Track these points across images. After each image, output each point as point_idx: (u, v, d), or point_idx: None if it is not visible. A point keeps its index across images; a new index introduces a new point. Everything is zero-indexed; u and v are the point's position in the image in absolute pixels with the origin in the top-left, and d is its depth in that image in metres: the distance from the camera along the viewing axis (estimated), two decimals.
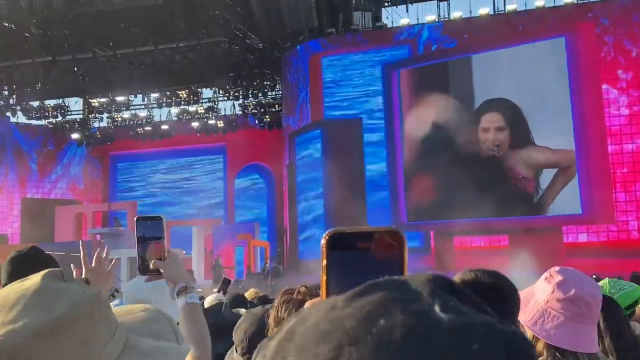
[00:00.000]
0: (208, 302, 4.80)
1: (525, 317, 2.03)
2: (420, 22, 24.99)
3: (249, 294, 6.42)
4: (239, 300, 5.39)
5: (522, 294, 2.18)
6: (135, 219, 2.16)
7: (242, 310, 4.42)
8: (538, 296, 2.08)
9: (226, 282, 6.67)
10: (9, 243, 28.45)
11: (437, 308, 0.47)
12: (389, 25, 26.43)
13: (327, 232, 0.66)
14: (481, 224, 20.98)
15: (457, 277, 1.84)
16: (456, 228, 20.65)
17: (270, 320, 1.97)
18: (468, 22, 23.61)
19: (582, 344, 1.99)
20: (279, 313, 1.91)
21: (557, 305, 2.02)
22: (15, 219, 31.33)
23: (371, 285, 0.49)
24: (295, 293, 2.05)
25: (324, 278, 0.64)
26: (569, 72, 21.41)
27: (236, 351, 2.41)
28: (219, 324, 3.32)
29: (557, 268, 2.17)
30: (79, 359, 0.97)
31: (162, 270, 2.09)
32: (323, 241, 0.65)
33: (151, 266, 2.09)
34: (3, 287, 2.96)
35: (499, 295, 1.73)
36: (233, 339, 2.50)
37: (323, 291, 0.64)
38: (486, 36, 22.51)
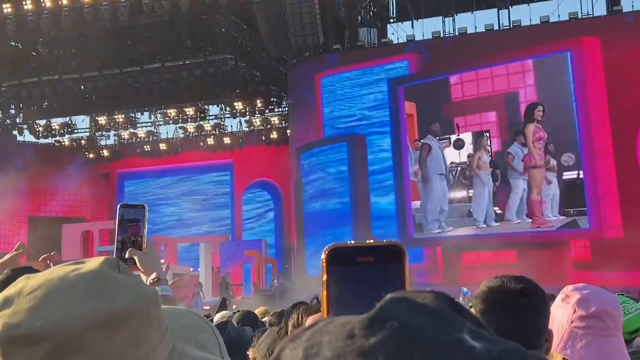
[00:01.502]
0: (217, 319, 4.78)
1: (552, 344, 1.96)
2: (425, 37, 25.07)
3: (258, 312, 6.40)
4: (249, 318, 5.35)
5: None
6: (119, 205, 2.15)
7: (247, 328, 4.39)
8: (559, 319, 2.04)
9: (223, 302, 6.96)
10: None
11: (467, 336, 0.45)
12: (395, 42, 26.51)
13: (327, 247, 0.65)
14: (488, 238, 20.91)
15: (483, 285, 1.80)
16: (464, 243, 20.57)
17: (290, 327, 1.95)
18: (473, 38, 23.68)
19: (615, 357, 1.95)
20: (299, 319, 1.89)
21: (582, 324, 1.98)
22: (22, 237, 31.36)
23: (386, 309, 0.47)
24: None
25: (324, 293, 0.63)
26: (574, 87, 21.42)
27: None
28: (225, 342, 3.29)
29: (570, 287, 2.14)
30: (129, 357, 0.91)
31: (137, 260, 2.08)
32: (323, 256, 0.64)
33: (127, 255, 2.08)
34: None
35: (528, 300, 1.69)
36: (253, 354, 2.53)
37: (324, 307, 0.62)
38: (490, 51, 22.55)
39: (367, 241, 0.65)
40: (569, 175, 21.60)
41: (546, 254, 19.45)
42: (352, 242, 0.65)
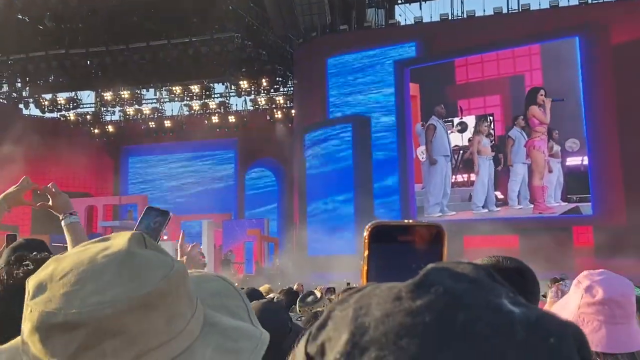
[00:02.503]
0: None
1: None
2: (433, 19, 24.93)
3: (262, 290, 6.46)
4: (255, 296, 5.40)
5: (558, 305, 2.15)
6: (146, 207, 2.30)
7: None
8: (570, 304, 2.05)
9: None
10: (20, 234, 28.54)
11: (506, 301, 0.47)
12: (402, 23, 26.37)
13: (370, 224, 0.68)
14: (490, 223, 20.93)
15: (478, 262, 1.83)
16: (465, 227, 20.59)
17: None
18: (482, 20, 23.54)
19: (621, 345, 1.95)
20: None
21: (589, 310, 1.99)
22: (27, 211, 31.48)
23: (429, 276, 0.49)
24: None
25: (365, 268, 0.66)
26: (582, 72, 21.31)
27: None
28: None
29: (585, 272, 2.14)
30: (164, 335, 0.92)
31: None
32: (366, 233, 0.67)
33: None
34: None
35: (522, 279, 1.72)
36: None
37: (364, 280, 0.65)
38: (498, 34, 22.43)
39: (409, 221, 0.68)
40: (572, 161, 21.55)
41: (548, 239, 19.43)
42: (394, 220, 0.69)
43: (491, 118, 22.99)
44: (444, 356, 0.44)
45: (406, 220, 0.68)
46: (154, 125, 32.41)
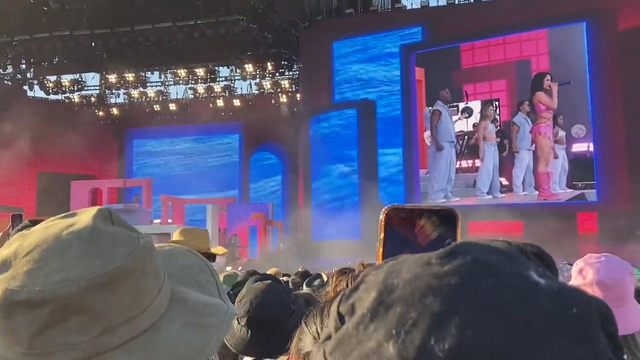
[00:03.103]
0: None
1: None
2: (440, 3, 24.79)
3: (271, 272, 6.49)
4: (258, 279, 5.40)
5: None
6: None
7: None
8: None
9: None
10: (25, 217, 28.63)
11: (533, 273, 0.50)
12: (408, 7, 26.23)
13: (385, 207, 0.69)
14: (495, 209, 20.90)
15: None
16: (470, 212, 20.57)
17: (330, 290, 1.96)
18: (489, 4, 23.38)
19: None
20: (339, 285, 1.89)
21: None
22: (31, 192, 31.58)
23: (459, 246, 0.52)
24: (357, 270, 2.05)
25: (381, 250, 0.67)
26: (589, 58, 21.16)
27: (238, 322, 2.46)
28: None
29: (586, 255, 2.15)
30: (130, 312, 0.93)
31: None
32: (382, 216, 0.68)
33: None
34: None
35: (543, 263, 1.70)
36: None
37: (379, 262, 0.65)
38: (505, 19, 22.28)
39: (424, 204, 0.68)
40: (579, 147, 21.44)
41: (552, 225, 19.40)
42: (410, 204, 0.69)
43: (497, 103, 22.88)
44: (466, 315, 0.46)
45: (421, 204, 0.67)
46: (158, 108, 32.41)
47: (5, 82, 32.13)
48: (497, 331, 0.45)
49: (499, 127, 22.71)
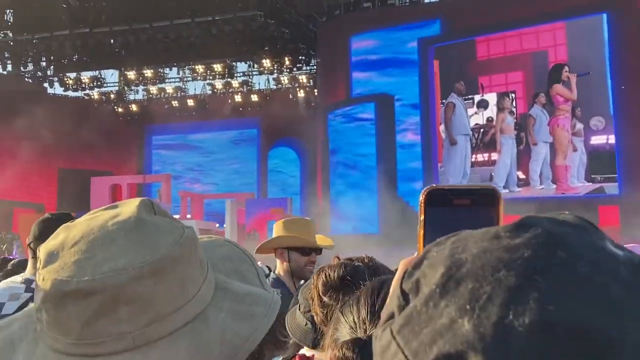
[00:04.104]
0: None
1: None
2: None
3: None
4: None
5: None
6: None
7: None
8: None
9: None
10: (46, 212, 28.92)
11: (608, 243, 0.48)
12: (426, 0, 26.09)
13: (425, 188, 0.67)
14: (514, 202, 20.76)
15: None
16: None
17: (312, 288, 1.93)
18: None
19: None
20: (329, 277, 1.86)
21: None
22: (52, 189, 31.86)
23: (529, 219, 0.50)
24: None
25: (421, 232, 0.66)
26: (610, 49, 20.90)
27: (299, 309, 2.43)
28: None
29: None
30: (177, 301, 0.93)
31: None
32: (421, 197, 0.67)
33: None
34: (29, 246, 3.05)
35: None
36: (299, 297, 2.52)
37: (420, 245, 0.65)
38: (524, 11, 22.07)
39: (464, 184, 0.67)
40: (597, 139, 21.18)
41: None
42: (450, 184, 0.68)
43: (513, 95, 22.65)
44: (543, 286, 0.44)
45: (461, 184, 0.66)
46: (177, 104, 32.54)
47: (26, 79, 32.40)
48: (578, 304, 0.43)
49: (515, 120, 22.50)
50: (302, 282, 3.81)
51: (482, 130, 22.94)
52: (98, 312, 0.89)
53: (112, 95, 33.48)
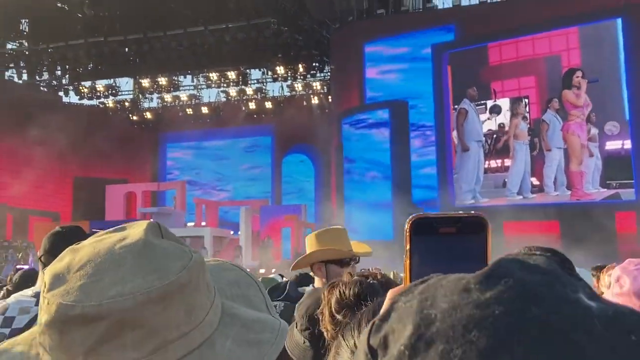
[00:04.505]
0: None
1: None
2: (472, 2, 24.56)
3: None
4: (305, 280, 5.44)
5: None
6: None
7: (308, 288, 4.42)
8: (606, 294, 1.97)
9: None
10: (61, 221, 29.12)
11: (583, 295, 0.45)
12: (440, 7, 26.05)
13: (410, 216, 0.65)
14: (531, 209, 20.61)
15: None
16: (505, 213, 20.30)
17: (323, 306, 1.88)
18: (522, 2, 23.08)
19: None
20: (344, 294, 1.82)
21: (618, 301, 1.90)
22: (67, 197, 32.04)
23: (499, 267, 0.47)
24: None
25: (407, 262, 0.64)
26: (625, 54, 20.71)
27: (296, 327, 2.39)
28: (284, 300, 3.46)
29: (627, 260, 2.05)
30: (184, 327, 0.91)
31: None
32: (407, 226, 0.64)
33: None
34: (39, 259, 3.06)
35: (565, 266, 1.63)
36: (294, 314, 2.48)
37: (407, 275, 0.64)
38: (538, 17, 21.95)
39: (450, 212, 0.63)
40: (612, 145, 20.96)
41: (590, 225, 19.05)
42: (436, 213, 0.67)
43: (526, 100, 22.47)
44: (516, 350, 0.42)
45: (448, 212, 0.62)
46: (191, 112, 32.66)
47: (42, 88, 32.65)
48: None
49: (529, 126, 22.33)
50: None
51: (494, 136, 22.78)
52: (103, 338, 0.87)
53: (126, 104, 33.66)
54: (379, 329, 0.48)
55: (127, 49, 29.44)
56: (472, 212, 0.65)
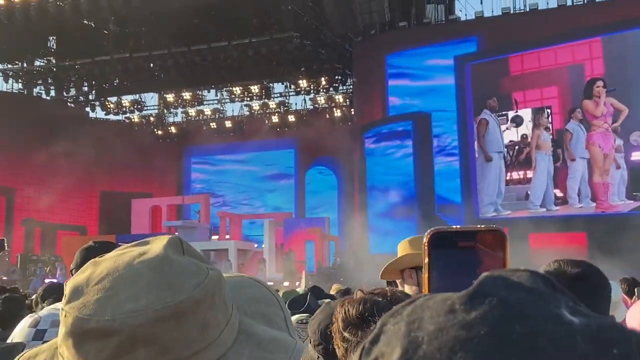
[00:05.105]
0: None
1: None
2: (495, 13, 24.53)
3: (335, 288, 6.45)
4: (318, 292, 5.44)
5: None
6: None
7: (327, 301, 4.44)
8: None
9: None
10: (88, 235, 29.45)
11: (566, 311, 0.46)
12: (463, 18, 26.03)
13: (429, 230, 0.66)
14: (556, 220, 20.41)
15: (541, 269, 1.77)
16: (531, 224, 20.13)
17: (339, 320, 1.90)
18: (545, 13, 22.99)
19: None
20: (348, 313, 1.85)
21: None
22: (94, 211, 32.37)
23: (483, 286, 0.48)
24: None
25: (426, 276, 0.65)
26: None
27: (310, 342, 2.40)
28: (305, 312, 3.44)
29: None
30: (197, 345, 0.92)
31: None
32: (425, 240, 0.65)
33: None
34: (71, 273, 3.12)
35: (585, 285, 1.65)
36: (307, 329, 2.48)
37: (425, 289, 0.64)
38: (561, 28, 21.82)
39: (469, 226, 0.67)
40: (637, 155, 20.67)
41: (617, 236, 18.80)
42: (455, 226, 0.66)
43: (549, 111, 22.20)
44: None
45: (466, 226, 0.66)
46: (215, 126, 32.88)
47: (69, 104, 33.10)
48: None
49: (552, 136, 22.06)
50: None
51: (517, 147, 22.54)
52: (116, 352, 0.88)
53: (151, 118, 33.99)
54: (369, 353, 0.48)
55: (152, 65, 29.77)
56: (492, 225, 0.67)
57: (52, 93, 32.63)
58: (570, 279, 1.67)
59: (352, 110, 28.95)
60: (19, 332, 3.05)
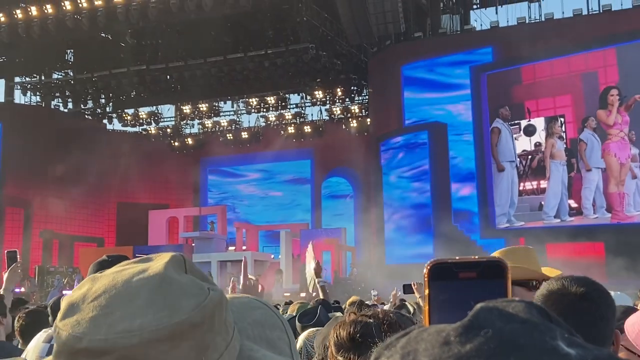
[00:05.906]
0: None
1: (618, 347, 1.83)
2: (510, 23, 24.48)
3: (352, 300, 6.43)
4: (326, 306, 5.40)
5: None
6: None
7: (338, 314, 4.42)
8: None
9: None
10: (105, 246, 29.59)
11: (561, 343, 0.45)
12: (478, 28, 26.00)
13: (428, 262, 0.66)
14: (574, 231, 20.23)
15: (543, 287, 1.74)
16: (548, 234, 19.98)
17: (332, 344, 1.88)
18: (560, 22, 22.90)
19: None
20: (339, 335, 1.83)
21: None
22: (111, 222, 32.53)
23: (478, 317, 0.47)
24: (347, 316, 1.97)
25: (427, 308, 0.64)
26: None
27: (316, 356, 2.39)
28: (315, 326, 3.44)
29: None
30: None
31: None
32: (425, 271, 0.65)
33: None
34: None
35: (590, 305, 1.61)
36: (314, 343, 2.46)
37: (426, 321, 0.63)
38: (576, 38, 21.70)
39: (470, 257, 0.66)
40: None
41: (635, 247, 18.61)
42: (455, 257, 0.66)
43: (562, 119, 21.94)
44: None
45: (466, 257, 0.65)
46: (231, 137, 32.97)
47: (86, 116, 33.35)
48: None
49: (566, 145, 21.80)
50: None
51: (529, 156, 22.28)
52: None
53: (168, 130, 34.16)
54: None
55: (168, 77, 29.95)
56: (492, 256, 0.66)
57: (70, 105, 32.89)
58: (575, 299, 1.63)
59: (368, 120, 28.96)
60: (33, 347, 3.06)
